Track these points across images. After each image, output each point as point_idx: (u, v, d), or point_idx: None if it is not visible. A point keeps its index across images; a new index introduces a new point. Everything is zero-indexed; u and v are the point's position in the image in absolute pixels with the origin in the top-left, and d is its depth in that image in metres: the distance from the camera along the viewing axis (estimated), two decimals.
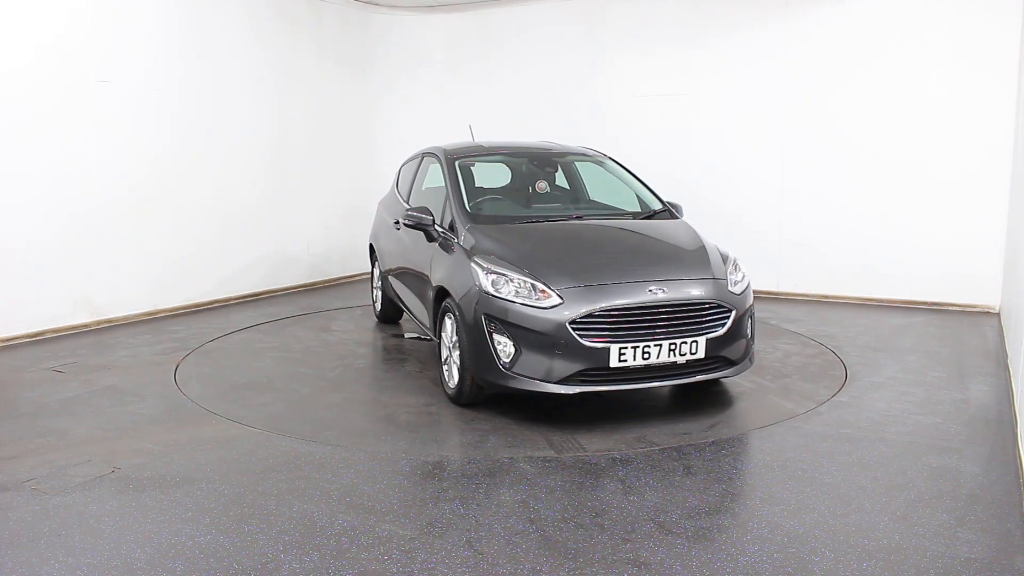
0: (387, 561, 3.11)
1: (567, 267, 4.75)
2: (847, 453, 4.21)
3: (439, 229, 5.58)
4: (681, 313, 4.63)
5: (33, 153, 6.70)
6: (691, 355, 4.63)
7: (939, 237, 7.87)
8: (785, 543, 3.25)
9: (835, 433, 4.51)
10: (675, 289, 4.67)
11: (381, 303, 7.35)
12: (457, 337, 4.93)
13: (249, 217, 8.76)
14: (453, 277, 5.09)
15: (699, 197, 8.43)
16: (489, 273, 4.76)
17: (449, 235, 5.41)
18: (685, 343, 4.60)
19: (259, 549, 3.21)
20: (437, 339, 5.36)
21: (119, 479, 3.92)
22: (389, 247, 6.83)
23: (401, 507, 3.61)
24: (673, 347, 4.58)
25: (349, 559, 3.13)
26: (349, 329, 7.36)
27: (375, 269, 7.49)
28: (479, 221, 5.42)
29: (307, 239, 9.57)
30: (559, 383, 4.51)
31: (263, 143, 8.88)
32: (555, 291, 4.58)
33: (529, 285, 4.62)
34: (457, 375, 4.98)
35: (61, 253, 6.96)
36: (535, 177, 6.32)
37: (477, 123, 8.04)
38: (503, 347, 4.61)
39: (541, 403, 4.98)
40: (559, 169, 6.51)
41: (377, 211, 7.55)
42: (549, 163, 6.45)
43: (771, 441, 4.42)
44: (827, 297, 8.48)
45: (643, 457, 4.17)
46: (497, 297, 4.65)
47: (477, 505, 3.61)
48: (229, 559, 3.13)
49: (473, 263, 4.91)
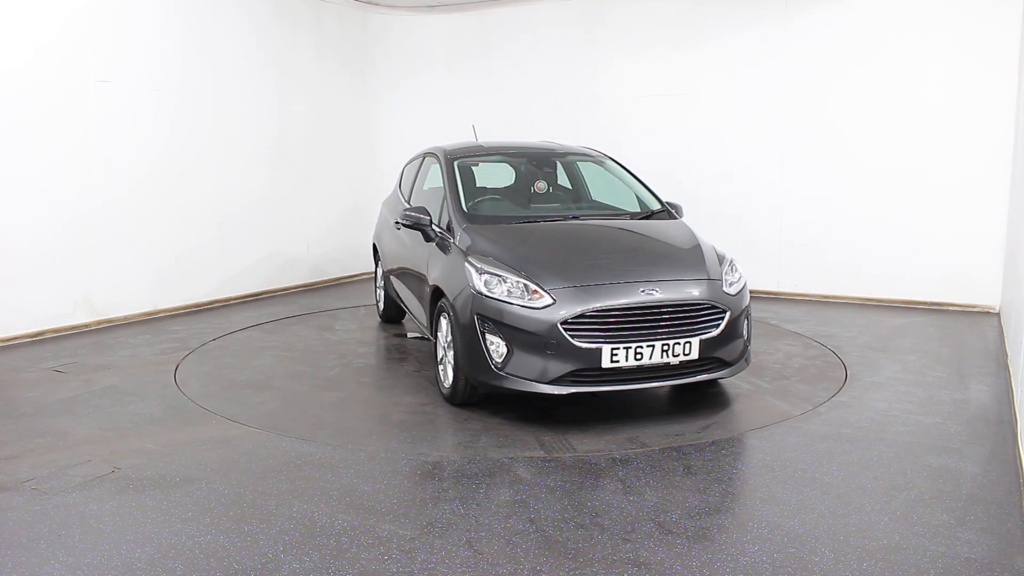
0: (387, 561, 3.11)
1: (560, 267, 4.74)
2: (847, 453, 4.21)
3: (436, 229, 5.58)
4: (674, 314, 4.61)
5: (33, 153, 6.70)
6: (685, 356, 4.61)
7: (939, 237, 7.87)
8: (785, 543, 3.25)
9: (835, 433, 4.51)
10: (668, 290, 4.65)
11: (384, 303, 7.36)
12: (451, 337, 4.93)
13: (249, 217, 8.76)
14: (448, 277, 5.09)
15: (699, 197, 8.43)
16: (482, 273, 4.76)
17: (446, 235, 5.42)
18: (678, 344, 4.58)
19: (259, 549, 3.21)
20: (433, 339, 5.36)
21: (119, 479, 3.92)
22: (390, 247, 6.83)
23: (401, 507, 3.60)
24: (666, 348, 4.55)
25: (349, 559, 3.13)
26: (352, 328, 7.37)
27: (378, 269, 7.51)
28: (475, 221, 5.42)
29: (307, 239, 9.57)
30: (551, 383, 4.50)
31: (263, 143, 8.89)
32: (547, 291, 4.57)
33: (522, 285, 4.62)
34: (452, 375, 4.99)
35: (61, 253, 6.96)
36: (535, 177, 6.32)
37: (477, 123, 8.04)
38: (495, 347, 4.61)
39: (536, 403, 4.98)
40: (558, 169, 6.51)
41: (380, 211, 7.56)
42: (549, 163, 6.45)
43: (771, 441, 4.42)
44: (827, 297, 8.48)
45: (643, 457, 4.17)
46: (490, 297, 4.65)
47: (477, 505, 3.61)
48: (229, 559, 3.13)
49: (467, 263, 4.91)
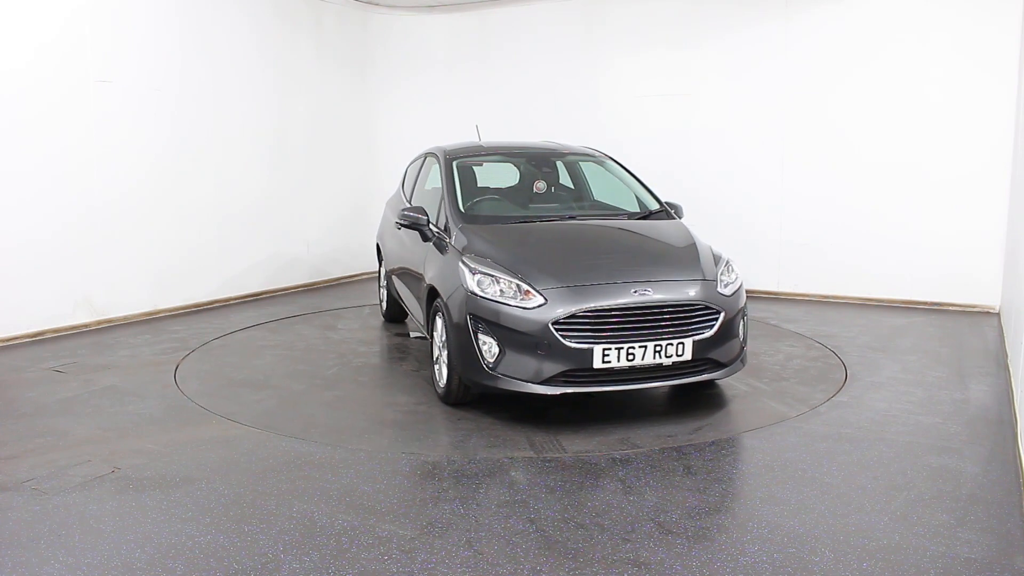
0: (387, 561, 3.11)
1: (553, 268, 4.73)
2: (847, 453, 4.21)
3: (434, 229, 5.59)
4: (666, 314, 4.59)
5: (33, 153, 6.70)
6: (677, 357, 4.58)
7: (939, 237, 7.87)
8: (785, 543, 3.25)
9: (835, 433, 4.51)
10: (661, 290, 4.63)
11: (386, 302, 7.39)
12: (445, 336, 4.94)
13: (249, 217, 8.76)
14: (443, 277, 5.10)
15: (699, 197, 8.44)
16: (475, 273, 4.76)
17: (443, 235, 5.42)
18: (671, 345, 4.55)
19: (259, 549, 3.21)
20: (430, 338, 5.36)
21: (119, 479, 3.92)
22: (392, 247, 6.85)
23: (401, 507, 3.60)
24: (659, 349, 4.53)
25: (349, 559, 3.13)
26: (354, 328, 7.38)
27: (382, 268, 7.52)
28: (471, 221, 5.42)
29: (307, 239, 9.57)
30: (543, 384, 4.50)
31: (262, 143, 8.89)
32: (539, 291, 4.56)
33: (514, 286, 4.61)
34: (446, 375, 4.99)
35: (61, 253, 6.96)
36: (535, 177, 6.32)
37: (477, 123, 8.04)
38: (488, 347, 4.61)
39: (530, 403, 4.97)
40: (558, 169, 6.51)
41: (384, 211, 7.58)
42: (548, 163, 6.45)
43: (771, 441, 4.42)
44: (827, 297, 8.48)
45: (643, 457, 4.17)
46: (482, 297, 4.64)
47: (477, 505, 3.61)
48: (229, 559, 3.13)
49: (461, 263, 4.91)
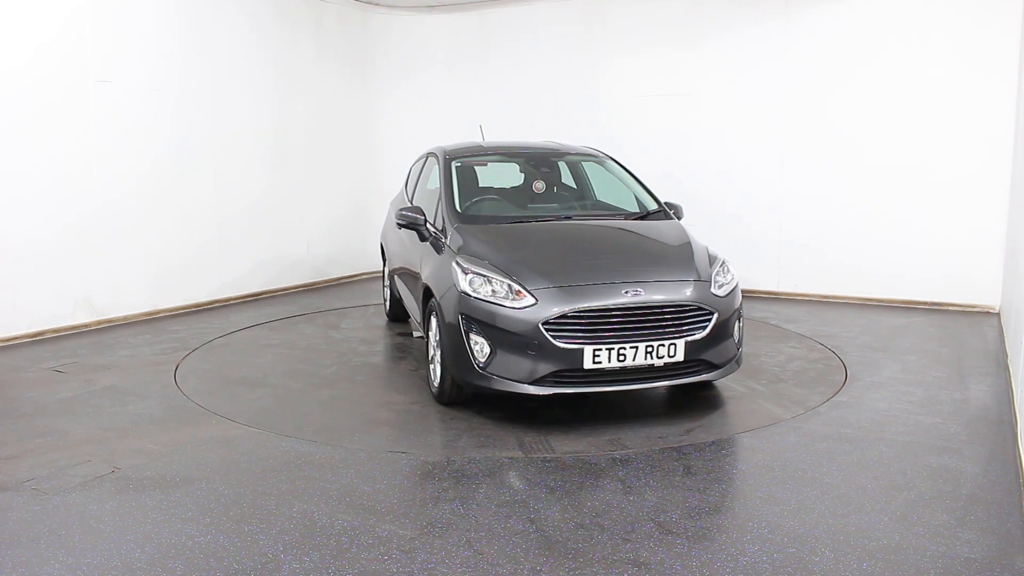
0: (387, 561, 3.11)
1: (545, 268, 4.72)
2: (847, 453, 4.21)
3: (431, 229, 5.59)
4: (658, 315, 4.56)
5: (33, 153, 6.70)
6: (669, 358, 4.56)
7: (939, 237, 7.87)
8: (785, 543, 3.24)
9: (835, 433, 4.51)
10: (653, 291, 4.61)
11: (390, 302, 7.41)
12: (439, 336, 4.94)
13: (249, 217, 8.76)
14: (437, 277, 5.10)
15: (699, 197, 8.43)
16: (468, 273, 4.76)
17: (440, 235, 5.42)
18: (663, 346, 4.53)
19: (259, 549, 3.21)
20: (426, 338, 5.37)
21: (119, 479, 3.92)
22: (394, 246, 6.88)
23: (401, 507, 3.60)
24: (650, 349, 4.51)
25: (349, 559, 3.13)
26: (357, 327, 7.39)
27: (386, 268, 7.54)
28: (467, 221, 5.42)
29: (307, 239, 9.57)
30: (533, 384, 4.49)
31: (262, 143, 8.89)
32: (530, 292, 4.55)
33: (506, 286, 4.61)
34: (439, 374, 5.00)
35: (61, 253, 6.96)
36: (534, 177, 6.33)
37: (477, 123, 8.03)
38: (479, 347, 4.60)
39: (524, 403, 4.97)
40: (557, 169, 6.49)
41: (388, 211, 7.60)
42: (548, 163, 6.44)
43: (771, 441, 4.41)
44: (827, 297, 8.48)
45: (643, 457, 4.17)
46: (474, 297, 4.64)
47: (477, 505, 3.61)
48: (229, 559, 3.13)
49: (454, 263, 4.91)
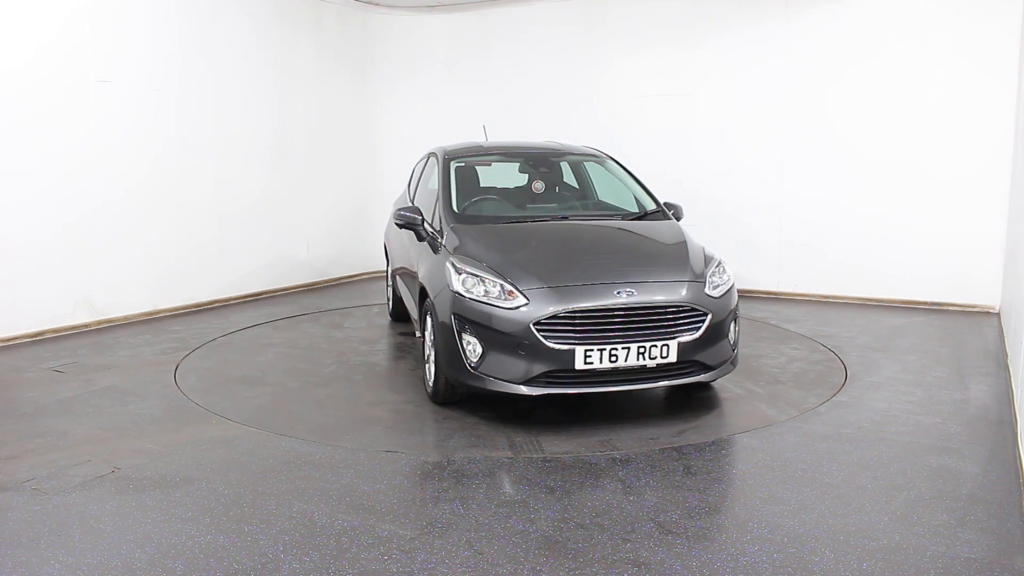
0: (387, 561, 3.11)
1: (538, 268, 4.71)
2: (847, 453, 4.21)
3: (428, 229, 5.59)
4: (650, 316, 4.54)
5: (33, 153, 6.70)
6: (662, 359, 4.53)
7: (939, 237, 7.87)
8: (785, 543, 3.25)
9: (835, 433, 4.51)
10: (645, 291, 4.59)
11: (392, 301, 7.42)
12: (433, 336, 4.95)
13: (249, 217, 8.76)
14: (432, 276, 5.11)
15: (699, 197, 8.43)
16: (461, 273, 4.75)
17: (436, 235, 5.42)
18: (655, 346, 4.51)
19: (259, 549, 3.21)
20: (423, 337, 5.37)
21: (119, 479, 3.92)
22: (395, 246, 6.90)
23: (401, 507, 3.60)
24: (642, 350, 4.48)
25: (349, 559, 3.13)
26: (360, 327, 7.40)
27: (389, 267, 7.55)
28: (464, 221, 5.42)
29: (307, 239, 9.57)
30: (525, 384, 4.48)
31: (263, 143, 8.89)
32: (522, 292, 4.55)
33: (499, 286, 4.60)
34: (434, 374, 5.00)
35: (61, 253, 6.95)
36: (533, 177, 6.33)
37: (477, 123, 8.04)
38: (471, 347, 4.60)
39: (518, 403, 4.96)
40: (556, 169, 6.48)
41: (391, 210, 7.60)
42: (547, 163, 6.44)
43: (771, 441, 4.41)
44: (827, 297, 8.48)
45: (643, 457, 4.17)
46: (466, 297, 4.64)
47: (477, 505, 3.61)
48: (229, 559, 3.13)
49: (448, 263, 4.90)
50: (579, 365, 4.44)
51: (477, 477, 3.93)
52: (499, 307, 4.53)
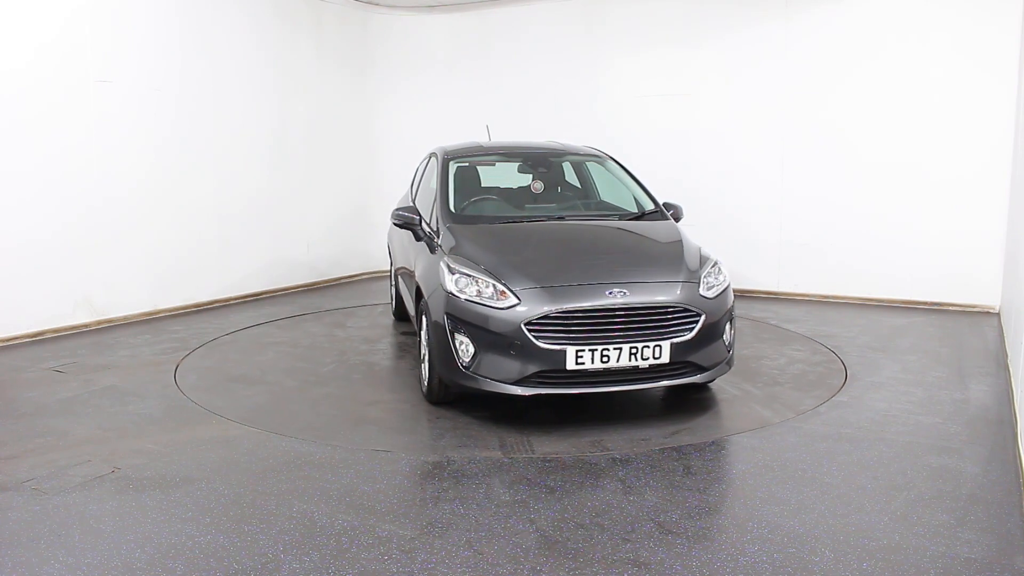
0: (387, 561, 3.11)
1: (531, 268, 4.70)
2: (847, 453, 4.21)
3: (426, 229, 5.59)
4: (642, 317, 4.52)
5: (33, 153, 6.70)
6: (655, 359, 4.51)
7: (939, 237, 7.87)
8: (785, 543, 3.24)
9: (835, 433, 4.51)
10: (637, 292, 4.57)
11: (395, 301, 7.43)
12: (427, 336, 4.95)
13: (249, 217, 8.76)
14: (427, 276, 5.11)
15: (699, 197, 8.44)
16: (454, 273, 4.75)
17: (433, 235, 5.42)
18: (647, 347, 4.49)
19: (259, 549, 3.21)
20: (419, 337, 5.37)
21: (119, 479, 3.92)
22: (396, 246, 6.92)
23: (401, 507, 3.61)
24: (634, 351, 4.47)
25: (349, 559, 3.13)
26: (363, 326, 7.41)
27: (392, 267, 7.57)
28: (460, 221, 5.42)
29: (307, 239, 9.57)
30: (516, 384, 4.48)
31: (262, 143, 8.88)
32: (514, 292, 4.54)
33: (491, 286, 4.60)
34: (428, 374, 5.01)
35: (61, 253, 6.95)
36: (534, 178, 6.32)
37: (477, 123, 8.04)
38: (464, 347, 4.60)
39: (513, 403, 4.95)
40: (555, 169, 6.47)
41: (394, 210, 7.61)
42: (545, 163, 6.44)
43: (771, 441, 4.41)
44: (827, 297, 8.48)
45: (643, 457, 4.17)
46: (459, 297, 4.64)
47: (477, 505, 3.61)
48: (229, 559, 3.13)
49: (442, 263, 4.91)
50: (570, 365, 4.43)
51: (477, 477, 3.93)
52: (491, 307, 4.52)
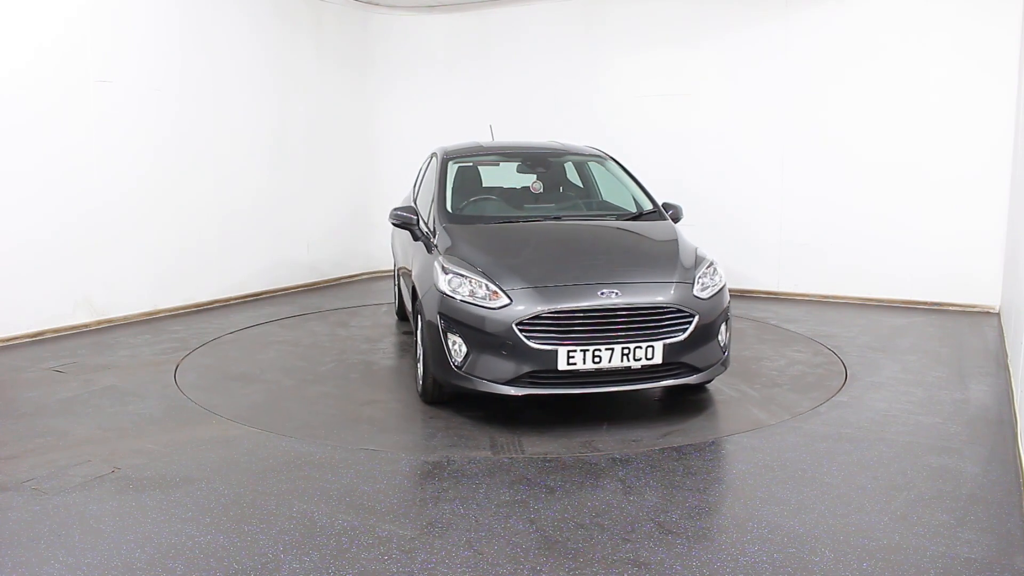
0: (387, 561, 3.11)
1: (524, 268, 4.69)
2: (847, 453, 4.21)
3: (423, 228, 5.59)
4: (634, 317, 4.50)
5: (33, 153, 6.70)
6: (647, 360, 4.49)
7: (939, 237, 7.87)
8: (785, 543, 3.24)
9: (835, 433, 4.51)
10: (629, 292, 4.55)
11: (398, 300, 7.43)
12: (421, 335, 4.96)
13: (249, 217, 8.76)
14: (422, 276, 5.12)
15: (699, 198, 8.44)
16: (448, 273, 4.75)
17: (431, 235, 5.42)
18: (640, 348, 4.47)
19: (259, 549, 3.21)
20: (415, 336, 5.38)
21: (119, 479, 3.92)
22: (397, 245, 6.94)
23: (401, 507, 3.61)
24: (627, 352, 4.45)
25: (349, 559, 3.13)
26: (366, 326, 7.42)
27: (395, 267, 7.59)
28: (456, 221, 5.42)
29: (307, 239, 9.57)
30: (508, 384, 4.47)
31: (262, 143, 8.89)
32: (505, 292, 4.54)
33: (484, 286, 4.59)
34: (422, 373, 5.02)
35: (61, 253, 6.95)
36: (531, 178, 6.33)
37: (477, 123, 8.04)
38: (456, 347, 4.60)
39: (508, 403, 4.95)
40: (552, 169, 6.46)
41: None
42: (544, 163, 6.43)
43: (771, 441, 4.41)
44: (827, 297, 8.48)
45: (643, 457, 4.17)
46: (451, 297, 4.65)
47: (477, 505, 3.61)
48: (229, 559, 3.13)
49: (436, 263, 4.91)
50: (562, 366, 4.42)
51: (477, 477, 3.93)
52: (483, 307, 4.52)
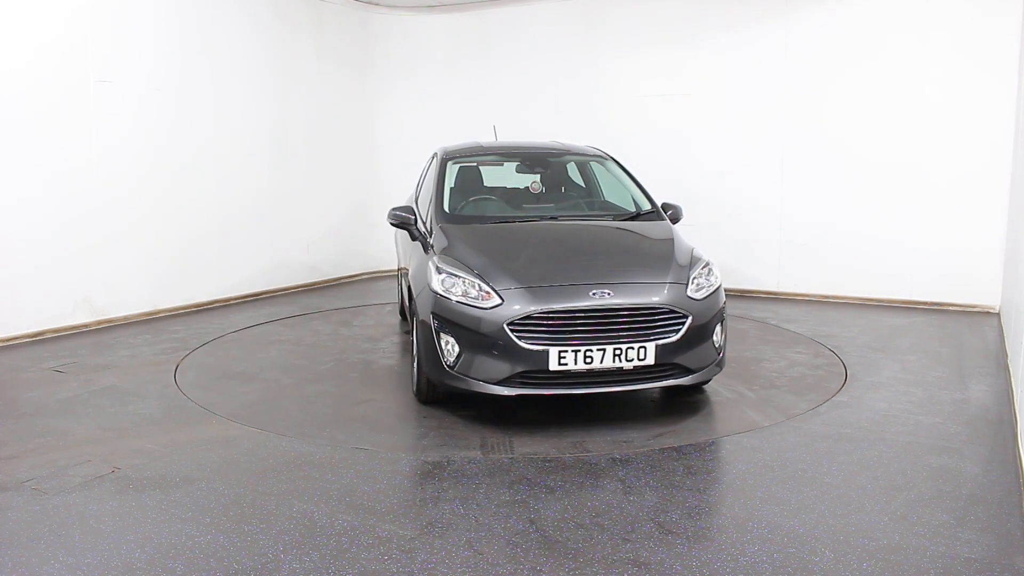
0: (387, 561, 3.11)
1: (517, 268, 4.69)
2: (847, 453, 4.21)
3: (420, 228, 5.59)
4: (626, 318, 4.49)
5: (33, 153, 6.70)
6: (639, 361, 4.47)
7: (939, 237, 7.87)
8: (785, 543, 3.24)
9: (835, 433, 4.51)
10: (622, 293, 4.53)
11: (401, 300, 7.43)
12: (415, 335, 4.97)
13: (249, 217, 8.76)
14: (416, 276, 5.13)
15: (699, 198, 8.43)
16: (441, 273, 4.76)
17: (428, 234, 5.43)
18: (632, 348, 4.45)
19: (259, 549, 3.21)
20: (412, 336, 5.37)
21: (119, 479, 3.92)
22: (399, 245, 6.94)
23: (401, 507, 3.61)
24: (618, 352, 4.43)
25: (349, 559, 3.13)
26: (369, 325, 7.44)
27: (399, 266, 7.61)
28: (452, 221, 5.42)
29: (307, 239, 9.57)
30: (499, 384, 4.47)
31: (262, 143, 8.88)
32: (497, 292, 4.53)
33: (476, 286, 4.60)
34: (416, 373, 5.03)
35: (61, 253, 6.95)
36: (531, 178, 6.33)
37: (477, 123, 8.03)
38: (449, 347, 4.61)
39: (502, 403, 4.95)
40: (552, 169, 6.45)
41: None
42: (543, 163, 6.43)
43: (771, 441, 4.41)
44: (827, 297, 8.48)
45: (643, 457, 4.17)
46: (444, 297, 4.65)
47: (477, 505, 3.61)
48: (229, 559, 3.13)
49: (430, 263, 4.91)
50: (553, 366, 4.41)
51: (477, 477, 3.93)
52: (475, 307, 4.52)
